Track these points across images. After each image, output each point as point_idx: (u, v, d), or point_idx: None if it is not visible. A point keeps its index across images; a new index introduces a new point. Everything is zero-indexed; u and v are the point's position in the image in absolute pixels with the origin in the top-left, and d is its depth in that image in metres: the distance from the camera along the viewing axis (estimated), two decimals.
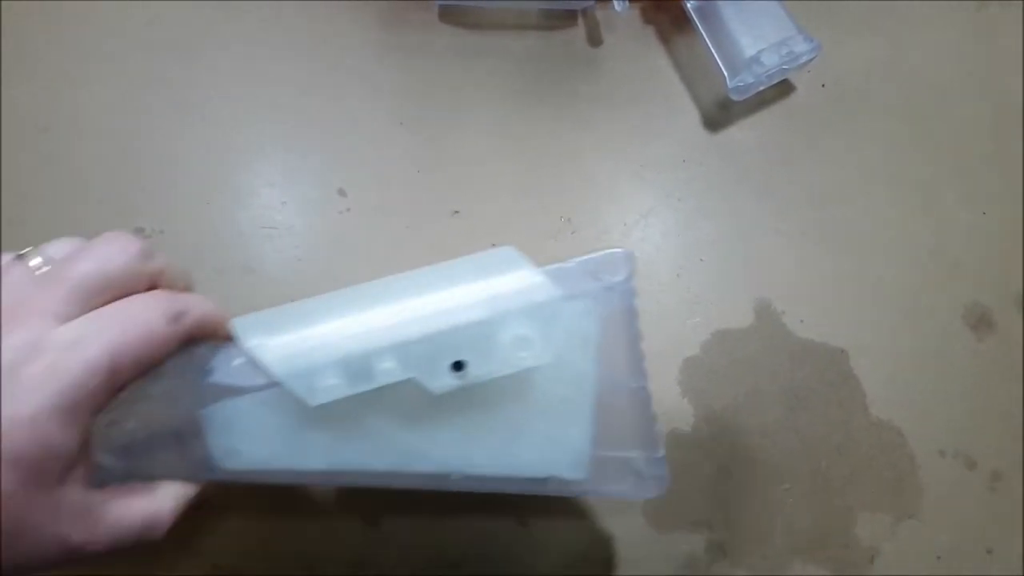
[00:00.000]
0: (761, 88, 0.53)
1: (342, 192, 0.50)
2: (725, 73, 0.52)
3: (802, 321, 0.50)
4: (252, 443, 0.34)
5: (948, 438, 0.50)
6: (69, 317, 0.28)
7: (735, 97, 0.53)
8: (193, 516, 0.34)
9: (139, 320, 0.29)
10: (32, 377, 0.26)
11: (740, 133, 0.54)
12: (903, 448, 0.49)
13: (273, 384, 0.33)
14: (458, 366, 0.34)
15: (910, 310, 0.52)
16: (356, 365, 0.33)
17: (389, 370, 0.33)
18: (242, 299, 0.46)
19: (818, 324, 0.50)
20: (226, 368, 0.34)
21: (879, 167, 0.54)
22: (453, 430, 0.36)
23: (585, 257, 0.37)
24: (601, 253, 0.37)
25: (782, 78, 0.54)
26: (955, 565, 0.48)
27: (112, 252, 0.30)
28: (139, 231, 0.48)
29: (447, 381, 0.34)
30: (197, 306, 0.32)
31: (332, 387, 0.32)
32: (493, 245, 0.38)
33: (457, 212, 0.51)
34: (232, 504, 0.44)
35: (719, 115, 0.54)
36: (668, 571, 0.47)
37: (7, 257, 0.30)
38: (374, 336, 0.33)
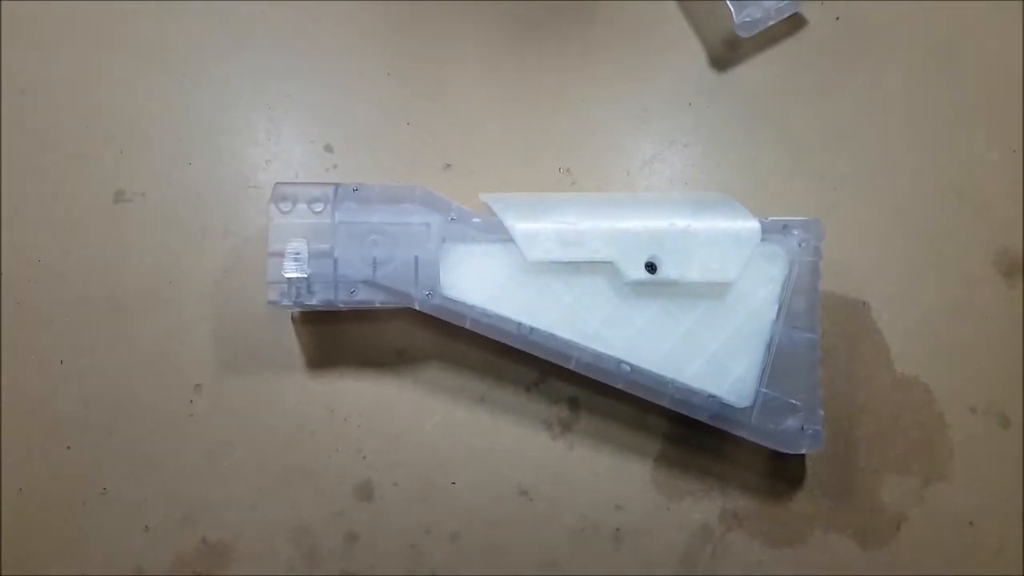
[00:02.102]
0: (770, 23, 0.49)
1: (329, 148, 0.48)
2: (731, 7, 0.48)
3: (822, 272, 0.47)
4: (472, 282, 0.42)
5: (980, 394, 0.46)
6: None
7: (742, 33, 0.49)
8: None
9: None
10: None
11: (749, 72, 0.51)
12: (931, 406, 0.46)
13: (502, 239, 0.42)
14: (651, 268, 0.42)
15: (936, 257, 0.48)
16: (571, 238, 0.42)
17: (595, 248, 0.42)
18: (223, 262, 0.45)
19: (838, 275, 0.47)
20: (466, 219, 0.43)
21: (901, 104, 0.50)
22: (634, 325, 0.42)
23: (782, 217, 0.43)
24: (797, 218, 0.43)
25: (793, 11, 0.50)
26: (989, 530, 0.45)
27: None
28: (120, 194, 0.46)
29: (641, 273, 0.41)
30: None
31: (548, 249, 0.41)
32: None
33: (449, 166, 0.48)
34: None
35: (726, 53, 0.51)
36: (680, 541, 0.44)
37: None
38: (591, 222, 0.42)
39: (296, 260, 0.41)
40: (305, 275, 0.41)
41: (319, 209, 0.42)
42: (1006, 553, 0.44)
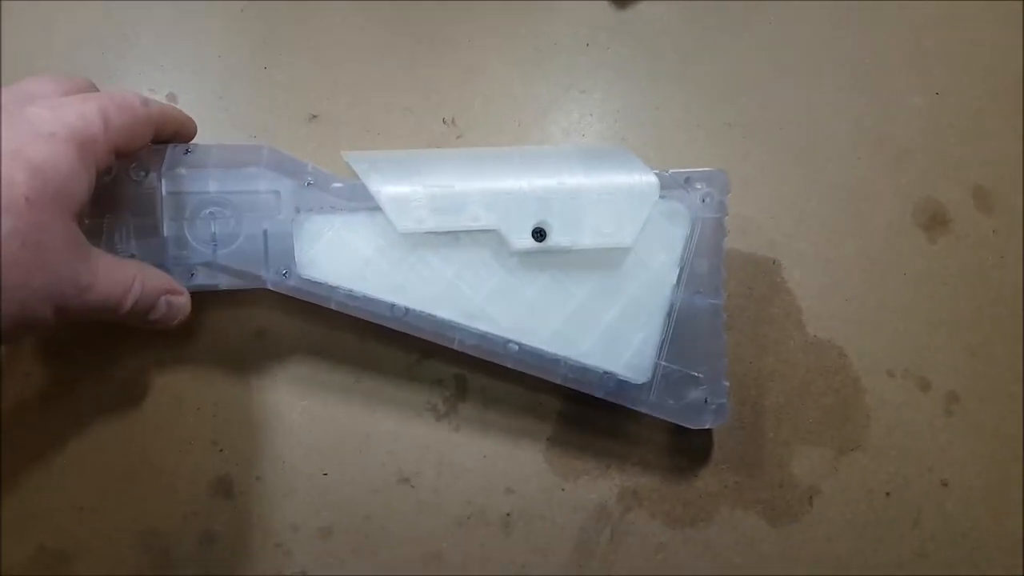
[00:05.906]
0: None
1: (172, 99, 0.42)
2: None
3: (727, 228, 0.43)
4: (333, 258, 0.36)
5: (898, 356, 0.43)
6: None
7: None
8: None
9: (117, 95, 0.32)
10: (38, 113, 0.29)
11: (654, 8, 0.46)
12: (846, 370, 0.43)
13: (368, 207, 0.36)
14: (540, 235, 0.36)
15: (852, 210, 0.44)
16: (446, 203, 0.36)
17: (476, 214, 0.36)
18: None
19: (745, 231, 0.43)
20: (325, 184, 0.36)
21: (817, 45, 0.46)
22: (523, 300, 0.37)
23: (684, 169, 0.38)
24: (700, 169, 0.38)
25: None
26: (907, 501, 0.42)
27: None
28: None
29: (528, 242, 0.36)
30: (163, 103, 0.35)
31: (421, 218, 0.35)
32: None
33: (315, 117, 0.43)
34: None
35: None
36: (575, 523, 0.41)
37: None
38: (469, 183, 0.36)
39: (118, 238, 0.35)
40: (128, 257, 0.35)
41: (140, 176, 0.35)
42: (924, 524, 0.42)
